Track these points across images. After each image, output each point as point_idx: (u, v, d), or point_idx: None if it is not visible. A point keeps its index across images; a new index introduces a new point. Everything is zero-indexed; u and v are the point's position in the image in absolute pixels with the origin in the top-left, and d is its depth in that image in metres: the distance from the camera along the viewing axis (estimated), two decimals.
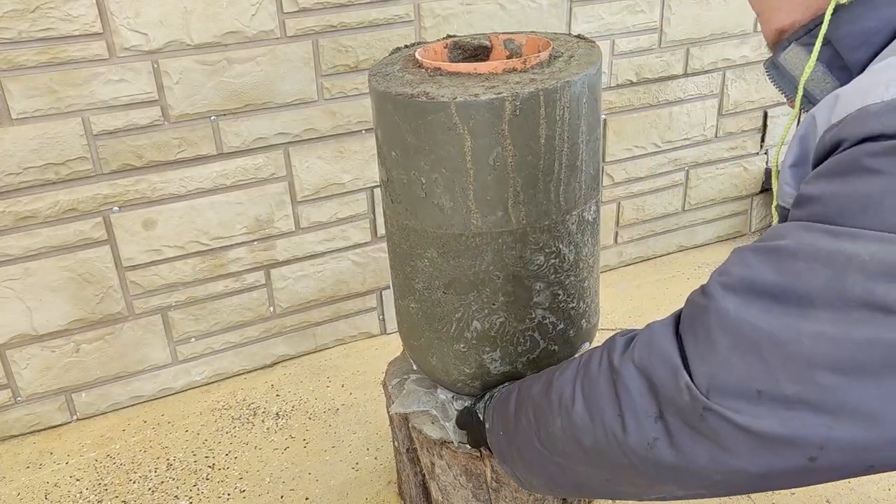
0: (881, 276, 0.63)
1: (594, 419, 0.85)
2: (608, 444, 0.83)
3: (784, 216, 0.80)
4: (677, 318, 0.82)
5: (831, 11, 0.77)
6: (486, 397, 1.24)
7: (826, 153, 0.71)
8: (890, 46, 0.76)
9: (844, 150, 0.68)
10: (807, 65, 0.80)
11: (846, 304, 0.65)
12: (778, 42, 0.85)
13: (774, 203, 0.86)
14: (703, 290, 0.78)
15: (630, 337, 0.87)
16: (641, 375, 0.80)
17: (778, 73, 0.85)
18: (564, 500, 1.41)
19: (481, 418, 1.20)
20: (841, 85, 0.77)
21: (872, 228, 0.65)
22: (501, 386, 1.24)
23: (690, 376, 0.74)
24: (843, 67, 0.80)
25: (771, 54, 0.89)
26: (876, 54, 0.77)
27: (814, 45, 0.80)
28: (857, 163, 0.66)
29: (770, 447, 0.69)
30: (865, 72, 0.74)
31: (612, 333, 1.01)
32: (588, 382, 0.88)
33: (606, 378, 0.85)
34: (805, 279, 0.67)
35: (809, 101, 0.82)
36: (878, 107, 0.66)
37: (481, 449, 1.28)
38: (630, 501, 0.95)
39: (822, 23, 0.78)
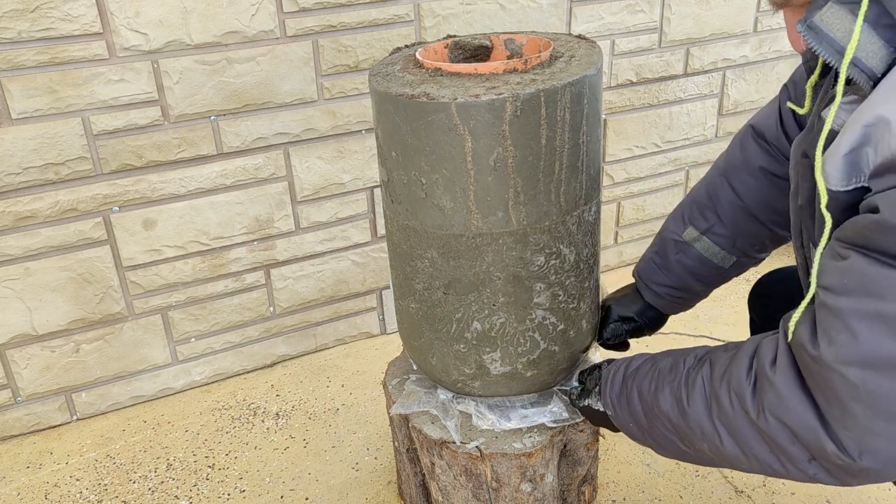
0: None
1: (747, 454, 0.90)
2: (765, 469, 0.90)
3: (837, 203, 0.80)
4: (796, 367, 0.84)
5: None
6: (593, 381, 1.26)
7: None
8: None
9: None
10: (854, 26, 0.75)
11: None
12: (811, 2, 0.80)
13: (824, 202, 0.81)
14: (812, 351, 0.80)
15: (749, 366, 0.90)
16: (784, 428, 0.84)
17: (815, 35, 0.79)
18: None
19: (595, 407, 1.24)
20: (887, 43, 0.75)
21: None
22: (603, 365, 1.26)
23: (835, 441, 0.79)
24: (890, 25, 0.75)
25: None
26: None
27: (853, 3, 0.75)
28: None
29: None
30: None
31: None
32: (727, 421, 0.91)
33: (747, 423, 0.89)
34: None
35: (854, 63, 0.76)
36: None
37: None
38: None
39: None
